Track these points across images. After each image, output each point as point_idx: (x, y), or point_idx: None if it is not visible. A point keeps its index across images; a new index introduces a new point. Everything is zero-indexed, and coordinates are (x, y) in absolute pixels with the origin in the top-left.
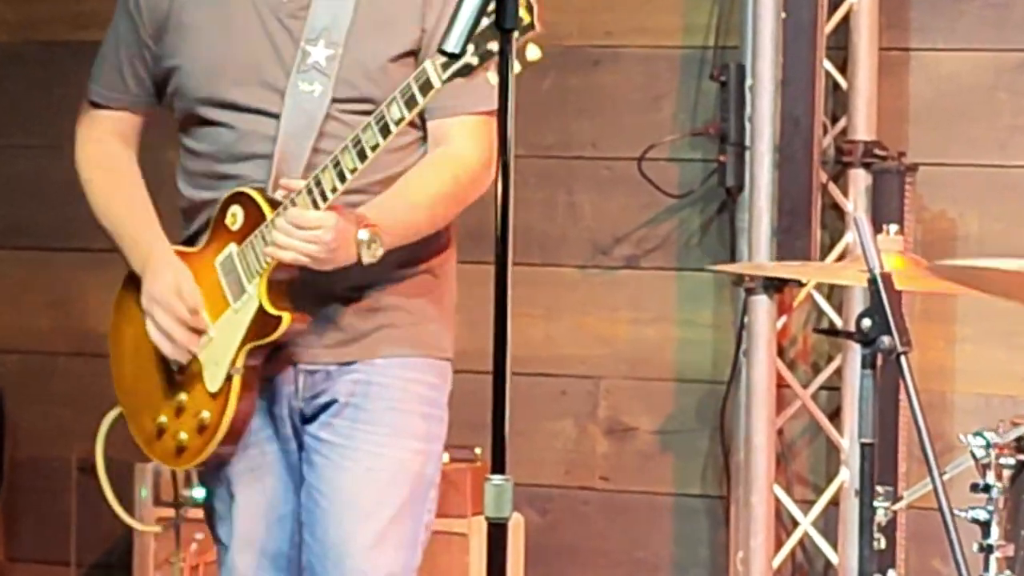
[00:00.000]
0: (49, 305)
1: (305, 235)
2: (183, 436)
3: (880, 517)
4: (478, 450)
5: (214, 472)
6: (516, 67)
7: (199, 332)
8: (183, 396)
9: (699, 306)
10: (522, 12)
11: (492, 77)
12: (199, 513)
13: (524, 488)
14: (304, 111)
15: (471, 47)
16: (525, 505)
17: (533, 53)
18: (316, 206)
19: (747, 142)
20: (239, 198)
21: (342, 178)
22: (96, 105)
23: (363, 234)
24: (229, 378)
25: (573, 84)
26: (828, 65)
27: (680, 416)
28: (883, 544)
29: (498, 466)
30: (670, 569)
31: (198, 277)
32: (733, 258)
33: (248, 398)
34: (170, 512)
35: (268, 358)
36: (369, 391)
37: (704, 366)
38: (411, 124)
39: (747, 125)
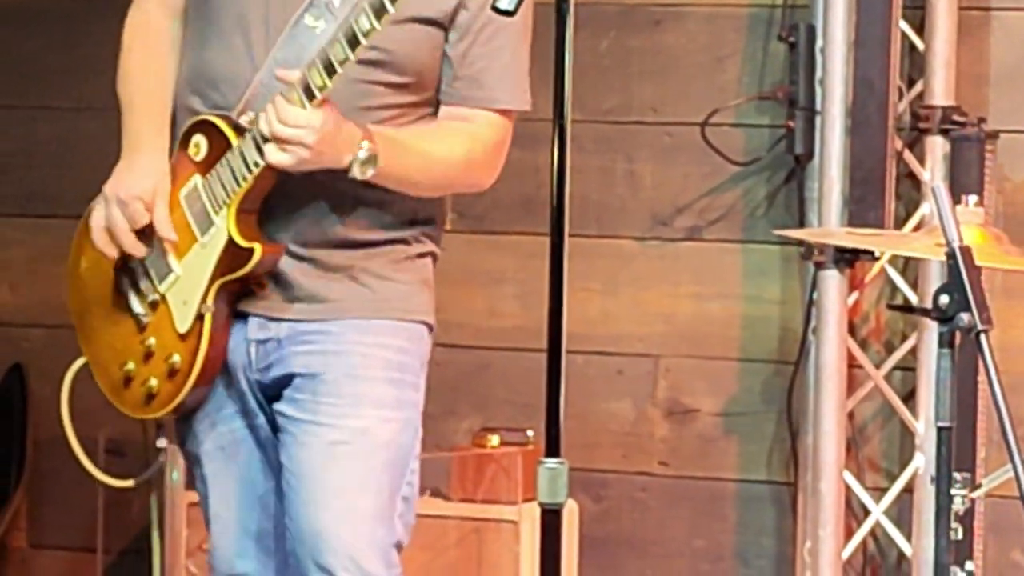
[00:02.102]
0: None
1: (288, 133)
2: (153, 382)
3: (957, 506)
4: (530, 432)
5: (193, 448)
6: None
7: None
8: (151, 340)
9: (765, 281)
10: None
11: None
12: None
13: (578, 473)
14: (299, 44)
15: None
16: (579, 491)
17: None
18: (301, 105)
19: (817, 107)
20: (202, 126)
21: (331, 72)
22: None
23: (364, 149)
24: (200, 317)
25: (634, 45)
26: (904, 25)
27: (744, 397)
28: (960, 534)
29: (552, 449)
30: (732, 560)
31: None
32: (801, 229)
33: (220, 337)
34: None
35: (237, 298)
36: (327, 361)
37: (770, 344)
38: (403, 86)
39: (817, 88)
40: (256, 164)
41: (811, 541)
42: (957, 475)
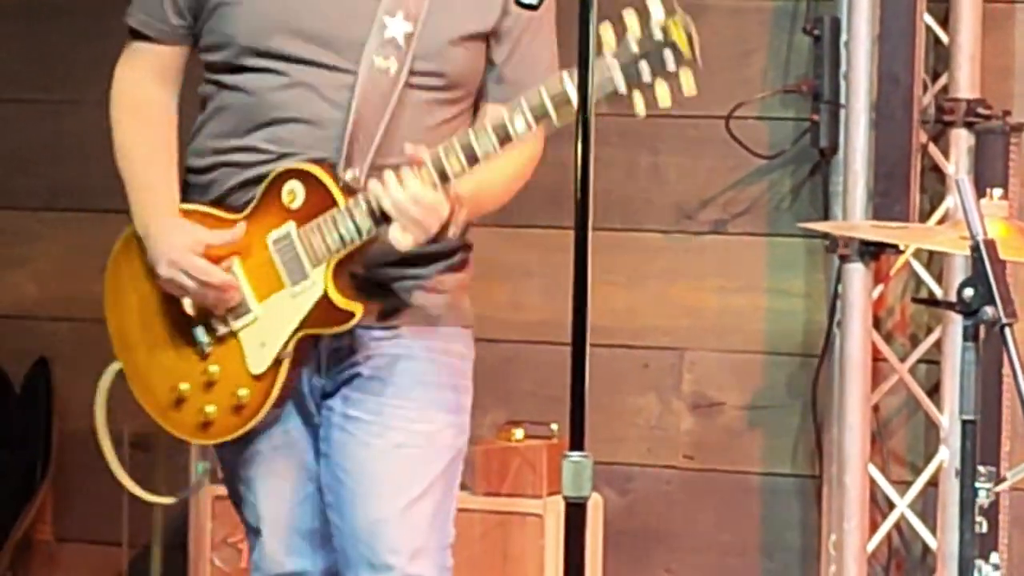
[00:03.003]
0: (101, 271)
1: (416, 218)
2: (210, 410)
3: (982, 499)
4: (554, 426)
5: (235, 452)
6: (667, 100)
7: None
8: (214, 369)
9: (790, 274)
10: (681, 42)
11: (687, 85)
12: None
13: (603, 466)
14: (377, 90)
15: (618, 70)
16: (604, 485)
17: (689, 88)
18: (434, 187)
19: (842, 100)
20: (299, 175)
21: (445, 179)
22: (136, 35)
23: (462, 215)
24: (278, 362)
25: None
26: (928, 18)
27: (769, 391)
28: (985, 528)
29: (577, 442)
30: (757, 553)
31: (242, 251)
32: (826, 222)
33: (291, 382)
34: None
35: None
36: (395, 365)
37: (795, 338)
38: (456, 99)
39: (842, 82)
40: (369, 232)
41: (836, 534)
42: (982, 468)
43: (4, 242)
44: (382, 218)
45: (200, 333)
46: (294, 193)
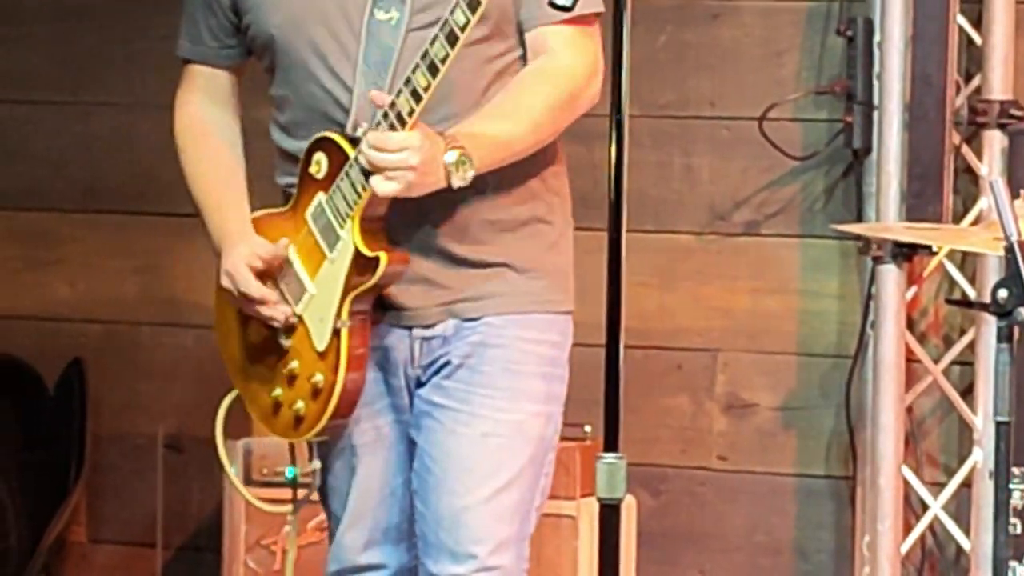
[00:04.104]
0: (133, 272)
1: (391, 159)
2: (299, 405)
3: (1016, 501)
4: (587, 427)
5: (328, 445)
6: None
7: (287, 298)
8: (294, 363)
9: (824, 275)
10: None
11: None
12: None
13: (637, 468)
14: (381, 43)
15: None
16: (637, 486)
17: None
18: (393, 131)
19: (875, 101)
20: (321, 144)
21: (416, 97)
22: (186, 61)
23: (450, 156)
24: (336, 333)
25: (691, 39)
26: (961, 19)
27: (803, 392)
28: (1019, 529)
29: (611, 444)
30: (791, 554)
31: (294, 237)
32: (859, 224)
33: (360, 351)
34: (261, 492)
35: (375, 309)
36: (485, 353)
37: (829, 339)
38: (499, 53)
39: (875, 83)
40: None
41: (870, 535)
42: (1016, 470)
43: (36, 244)
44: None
45: (281, 335)
46: (319, 163)
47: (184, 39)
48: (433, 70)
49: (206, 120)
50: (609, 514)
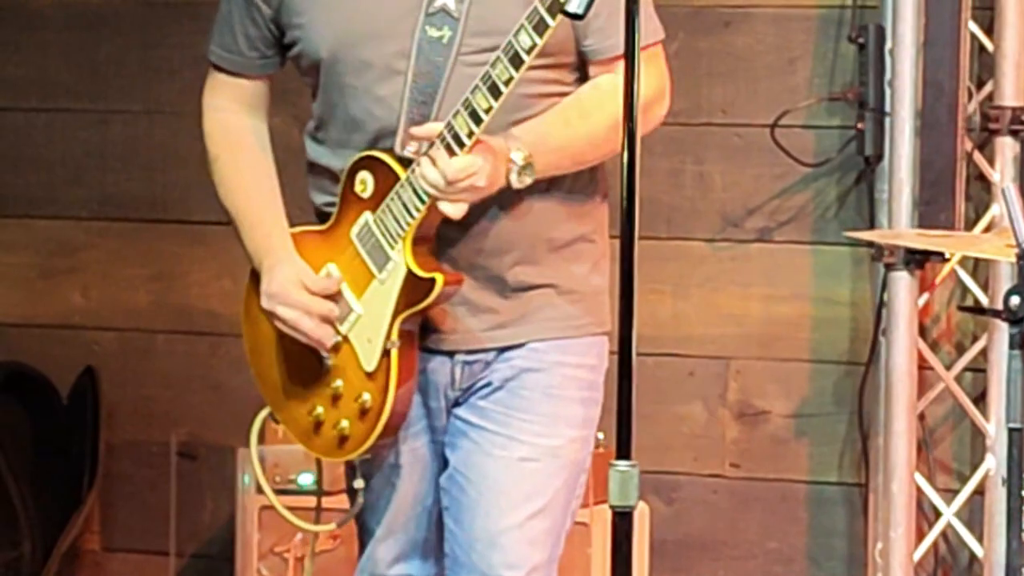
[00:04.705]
0: (147, 280)
1: (458, 186)
2: (344, 424)
3: None
4: (600, 435)
5: (373, 463)
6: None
7: (329, 320)
8: (338, 383)
9: (836, 282)
10: None
11: None
12: (303, 501)
13: (649, 475)
14: (431, 61)
15: None
16: (650, 493)
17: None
18: (453, 154)
19: (887, 108)
20: (366, 163)
21: (476, 120)
22: (217, 68)
23: (516, 155)
24: (386, 353)
25: (703, 46)
26: (973, 26)
27: (815, 399)
28: None
29: (624, 451)
30: (804, 561)
31: (336, 256)
32: (872, 231)
33: (408, 370)
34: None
35: (421, 335)
36: (527, 377)
37: (841, 346)
38: (557, 79)
39: (887, 90)
40: (428, 193)
41: (882, 542)
42: None
43: (51, 251)
44: None
45: (323, 354)
46: (365, 182)
47: (217, 45)
48: (495, 92)
49: (242, 129)
50: (622, 522)
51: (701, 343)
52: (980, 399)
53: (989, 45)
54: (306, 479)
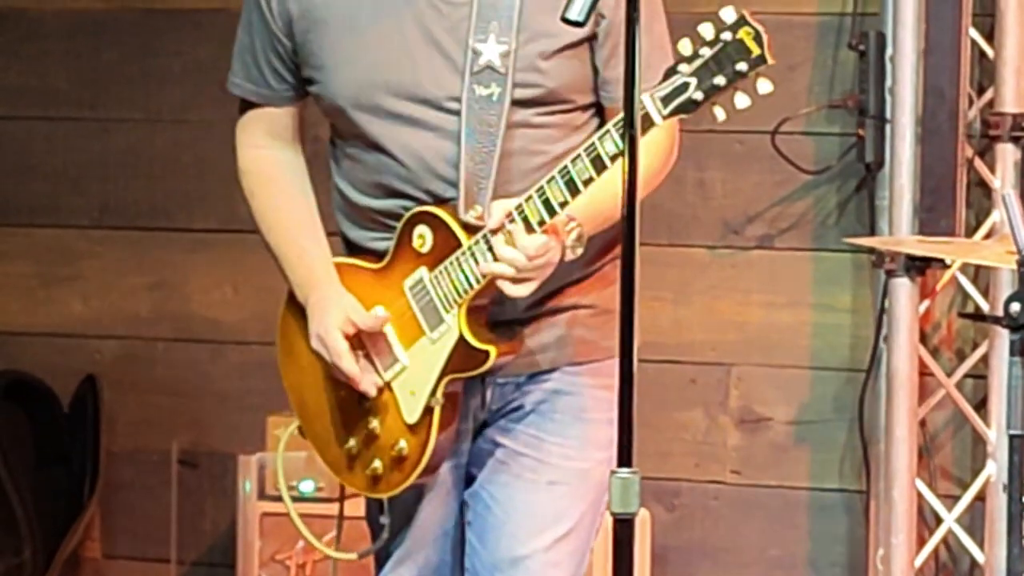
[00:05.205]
0: (148, 288)
1: (535, 262)
2: (376, 465)
3: None
4: None
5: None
6: (746, 101)
7: (375, 362)
8: (375, 423)
9: (837, 289)
10: (750, 43)
11: (763, 86)
12: (307, 508)
13: (651, 482)
14: (483, 119)
15: (694, 80)
16: (652, 500)
17: (765, 88)
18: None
19: (887, 115)
20: (426, 218)
21: (550, 211)
22: (244, 102)
23: (573, 234)
24: (429, 410)
25: None
26: (974, 33)
27: (816, 406)
28: None
29: (625, 458)
30: (805, 568)
31: (386, 300)
32: (872, 237)
33: (448, 428)
34: (274, 507)
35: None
36: (557, 401)
37: (842, 353)
38: (568, 111)
39: (887, 97)
40: (499, 273)
41: (884, 549)
42: None
43: (52, 260)
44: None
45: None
46: (423, 237)
47: (240, 77)
48: (572, 189)
49: (276, 164)
50: (623, 528)
51: (702, 350)
52: (981, 405)
53: (990, 52)
54: (307, 486)
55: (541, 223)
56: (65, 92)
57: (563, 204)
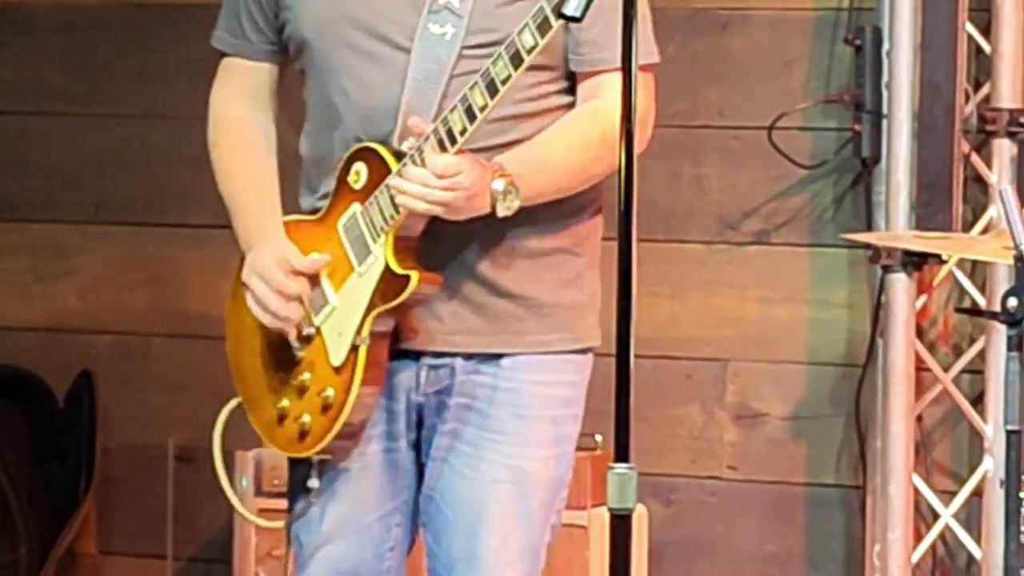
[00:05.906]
0: (144, 284)
1: (443, 182)
2: (306, 419)
3: None
4: (599, 437)
5: (328, 464)
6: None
7: (300, 301)
8: (306, 376)
9: (833, 284)
10: None
11: None
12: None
13: (647, 478)
14: (433, 56)
15: None
16: (648, 496)
17: None
18: (444, 150)
19: (884, 110)
20: (362, 154)
21: (471, 117)
22: (223, 54)
23: (498, 184)
24: (355, 349)
25: (700, 49)
26: (970, 28)
27: (813, 401)
28: None
29: (622, 454)
30: (802, 563)
31: (322, 245)
32: (869, 233)
33: (375, 370)
34: (271, 503)
35: (394, 334)
36: (495, 396)
37: (838, 348)
38: (551, 92)
39: (884, 92)
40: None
41: (880, 544)
42: None
43: (47, 255)
44: None
45: (292, 340)
46: (359, 173)
47: (223, 31)
48: (492, 90)
49: (244, 121)
50: (620, 524)
51: (698, 345)
52: (978, 401)
53: (986, 47)
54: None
55: (464, 131)
56: (60, 87)
57: (483, 108)
